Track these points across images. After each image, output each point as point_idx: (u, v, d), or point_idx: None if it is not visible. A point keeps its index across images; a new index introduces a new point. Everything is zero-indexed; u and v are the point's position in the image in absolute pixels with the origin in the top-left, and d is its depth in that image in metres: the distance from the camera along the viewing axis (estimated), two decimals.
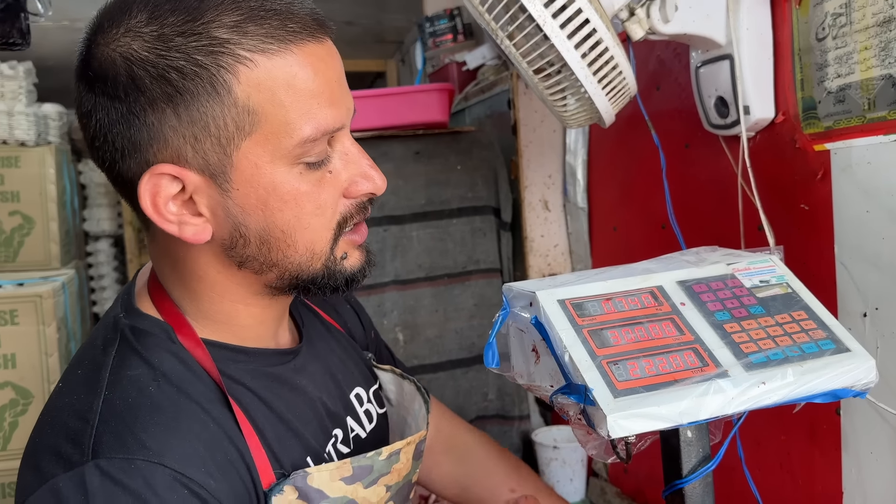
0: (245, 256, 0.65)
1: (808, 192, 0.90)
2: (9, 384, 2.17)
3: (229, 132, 0.59)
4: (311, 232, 0.64)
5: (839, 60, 0.84)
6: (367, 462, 0.68)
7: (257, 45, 0.58)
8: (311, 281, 0.67)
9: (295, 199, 0.62)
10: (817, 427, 0.91)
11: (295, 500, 0.63)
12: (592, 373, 0.57)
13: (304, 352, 0.76)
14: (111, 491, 0.55)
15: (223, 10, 0.58)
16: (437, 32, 2.01)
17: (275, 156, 0.61)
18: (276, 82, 0.59)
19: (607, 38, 0.80)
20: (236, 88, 0.58)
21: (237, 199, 0.62)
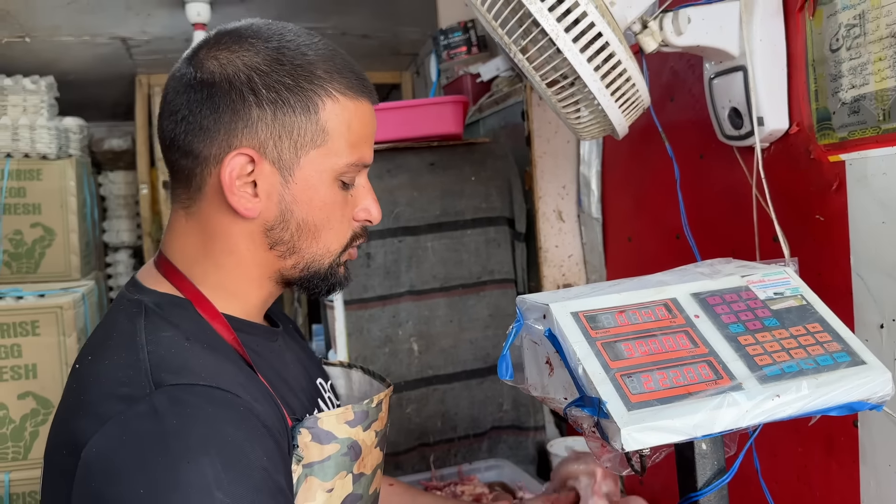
0: (279, 238, 0.78)
1: (824, 203, 0.90)
2: (30, 394, 2.19)
3: (305, 140, 0.76)
4: (333, 233, 0.80)
5: (853, 71, 0.84)
6: (363, 408, 0.80)
7: (342, 89, 0.78)
8: (316, 273, 0.81)
9: (331, 205, 0.79)
10: (835, 439, 0.91)
11: (309, 441, 0.74)
12: (606, 385, 0.57)
13: (281, 339, 0.88)
14: (179, 409, 0.63)
15: (321, 59, 0.78)
16: (451, 45, 2.02)
17: (326, 167, 0.78)
18: (347, 117, 0.78)
19: (620, 50, 0.80)
20: (322, 112, 0.76)
21: (293, 191, 0.77)
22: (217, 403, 0.65)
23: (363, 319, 1.53)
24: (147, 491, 0.59)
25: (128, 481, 0.60)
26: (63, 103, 2.76)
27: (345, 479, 0.77)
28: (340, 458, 0.76)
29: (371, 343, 1.53)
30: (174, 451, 0.60)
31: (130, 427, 0.63)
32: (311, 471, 0.74)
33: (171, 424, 0.62)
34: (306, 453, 0.73)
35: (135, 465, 0.61)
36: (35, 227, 2.46)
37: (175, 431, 0.62)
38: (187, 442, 0.61)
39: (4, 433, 2.18)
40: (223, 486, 0.60)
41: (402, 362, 1.55)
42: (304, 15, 2.64)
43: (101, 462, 0.62)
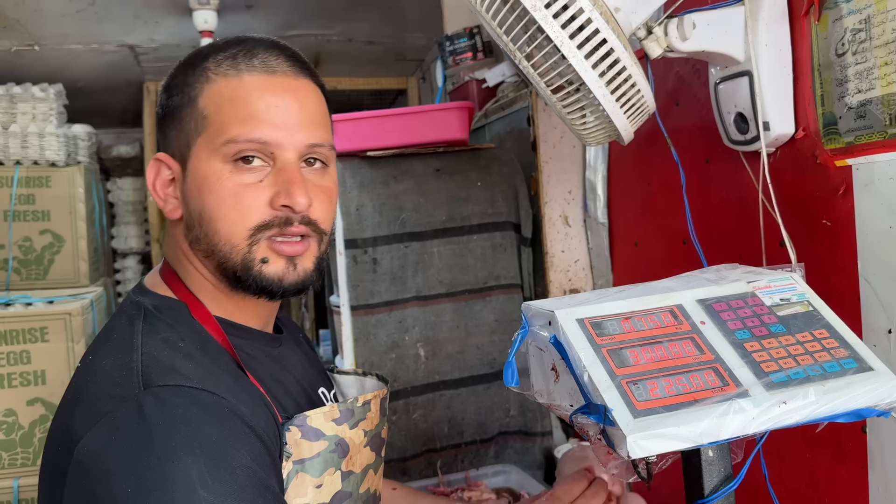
0: (195, 237, 0.79)
1: (830, 208, 0.89)
2: (38, 400, 2.20)
3: (191, 130, 0.77)
4: (229, 223, 0.76)
5: (859, 76, 0.84)
6: (348, 407, 0.81)
7: (221, 70, 0.77)
8: (234, 273, 0.78)
9: (218, 191, 0.75)
10: (843, 445, 0.90)
11: (299, 438, 0.75)
12: (612, 393, 0.57)
13: (285, 344, 0.89)
14: (165, 411, 0.64)
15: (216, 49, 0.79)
16: (457, 50, 2.03)
17: (211, 152, 0.76)
18: (223, 96, 0.76)
19: (624, 56, 0.81)
20: (200, 98, 0.77)
21: (188, 183, 0.78)
22: (202, 405, 0.66)
23: (370, 325, 1.53)
24: (134, 489, 0.60)
25: (116, 479, 0.61)
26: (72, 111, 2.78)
27: (333, 476, 0.78)
28: (329, 455, 0.77)
29: (378, 349, 1.53)
30: (160, 451, 0.62)
31: (119, 426, 0.64)
32: (301, 467, 0.75)
33: (156, 424, 0.63)
34: (296, 450, 0.75)
35: (122, 464, 0.62)
36: (44, 234, 2.48)
37: (161, 431, 0.63)
38: (172, 442, 0.62)
39: (13, 439, 2.19)
40: (207, 485, 0.61)
41: (409, 368, 1.55)
42: (311, 22, 2.66)
43: (91, 460, 0.64)
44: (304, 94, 0.79)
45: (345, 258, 1.51)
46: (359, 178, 1.53)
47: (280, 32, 2.74)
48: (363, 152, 1.53)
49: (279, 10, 2.54)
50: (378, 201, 1.53)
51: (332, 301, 1.66)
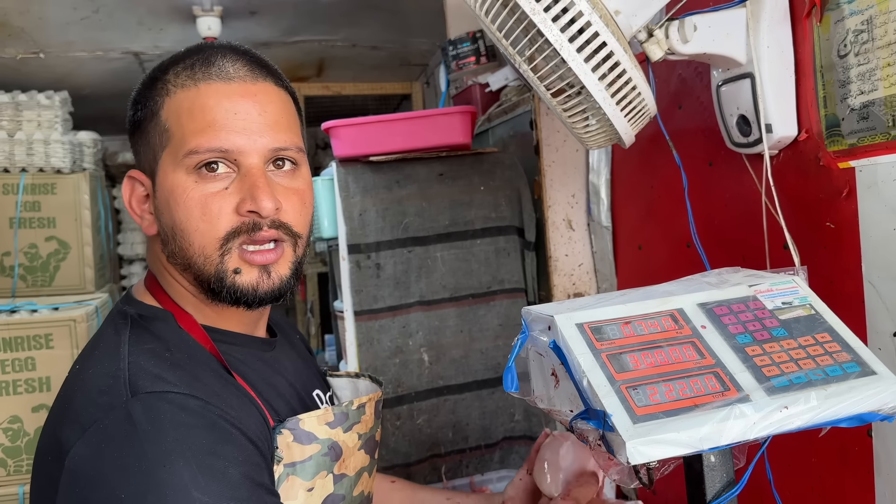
0: (170, 251, 0.79)
1: (834, 210, 0.89)
2: (43, 406, 2.21)
3: (156, 145, 0.77)
4: (200, 235, 0.75)
5: (862, 77, 0.83)
6: (343, 410, 0.81)
7: (179, 82, 0.77)
8: (208, 285, 0.77)
9: (185, 203, 0.75)
10: (848, 449, 0.89)
11: (291, 441, 0.75)
12: (611, 398, 0.56)
13: (278, 348, 0.89)
14: (154, 416, 0.65)
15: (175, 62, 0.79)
16: (460, 55, 2.03)
17: (175, 164, 0.76)
18: (182, 108, 0.76)
19: (624, 59, 0.80)
20: (161, 112, 0.77)
21: (158, 199, 0.78)
22: (190, 410, 0.67)
23: (373, 330, 1.53)
24: (128, 495, 0.61)
25: (109, 486, 0.62)
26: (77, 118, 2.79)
27: (325, 479, 0.78)
28: (321, 459, 0.77)
29: (382, 353, 1.53)
30: (150, 456, 0.62)
31: (109, 434, 0.65)
32: (292, 470, 0.75)
33: (145, 430, 0.64)
34: (287, 453, 0.75)
35: (114, 471, 0.63)
36: (50, 241, 2.49)
37: (150, 437, 0.64)
38: (162, 446, 0.63)
39: (19, 446, 2.19)
40: (200, 486, 0.62)
41: (413, 373, 1.55)
42: (315, 28, 2.66)
43: (83, 468, 0.64)
44: (263, 97, 0.78)
45: (348, 263, 1.51)
46: (362, 183, 1.53)
47: (284, 38, 2.75)
48: (366, 157, 1.53)
49: (283, 17, 2.55)
50: (381, 206, 1.53)
51: (336, 306, 1.65)
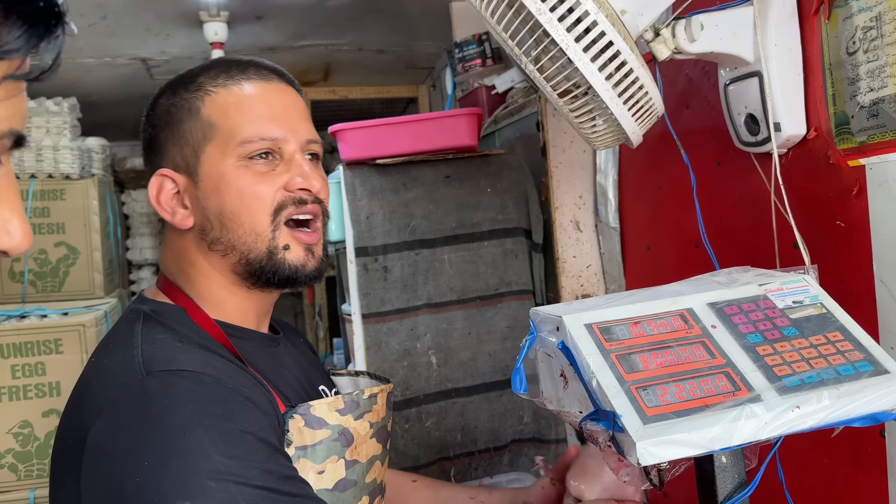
0: (214, 238, 0.83)
1: (844, 209, 0.88)
2: (53, 411, 2.22)
3: (198, 140, 0.83)
4: (251, 213, 0.82)
5: (871, 74, 0.82)
6: (353, 399, 0.84)
7: (218, 82, 0.85)
8: (259, 264, 0.83)
9: (237, 185, 0.82)
10: (861, 450, 0.88)
11: (302, 426, 0.79)
12: (621, 399, 0.56)
13: (282, 345, 0.93)
14: (170, 390, 0.68)
15: (204, 69, 0.87)
16: (466, 58, 2.03)
17: (224, 153, 0.82)
18: (229, 104, 0.84)
19: (631, 59, 0.80)
20: (203, 110, 0.84)
21: (202, 188, 0.83)
22: (204, 384, 0.70)
23: (381, 333, 1.53)
24: (151, 462, 0.64)
25: (132, 457, 0.65)
26: (85, 123, 2.81)
27: (336, 464, 0.81)
28: (331, 444, 0.81)
29: (390, 356, 1.53)
30: (169, 425, 0.66)
31: (127, 408, 0.68)
32: (303, 453, 0.79)
33: (163, 402, 0.68)
34: (298, 437, 0.78)
35: (136, 442, 0.66)
36: (59, 247, 2.50)
37: (168, 408, 0.67)
38: (180, 416, 0.66)
39: (29, 451, 2.20)
40: (220, 449, 0.65)
41: (421, 375, 1.54)
42: (321, 32, 2.67)
43: (103, 443, 0.67)
44: (294, 98, 0.89)
45: (355, 266, 1.51)
46: (368, 186, 1.53)
47: (291, 43, 2.76)
48: (372, 160, 1.53)
49: (289, 21, 2.55)
50: (388, 209, 1.53)
51: (344, 309, 1.65)
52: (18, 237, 0.43)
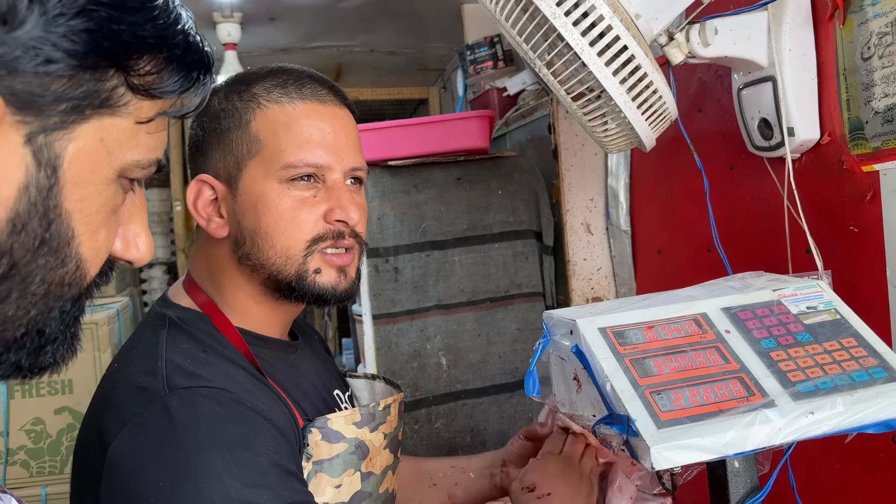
0: (245, 253, 0.83)
1: (858, 214, 0.88)
2: (66, 409, 2.23)
3: (243, 153, 0.82)
4: (286, 237, 0.81)
5: (886, 80, 0.82)
6: (370, 411, 0.85)
7: (273, 98, 0.83)
8: (288, 285, 0.82)
9: (276, 208, 0.81)
10: (873, 456, 0.88)
11: (319, 440, 0.79)
12: (635, 403, 0.56)
13: (300, 350, 0.93)
14: (190, 410, 0.69)
15: (261, 78, 0.85)
16: (477, 60, 2.03)
17: (267, 173, 0.81)
18: (279, 122, 0.82)
19: (645, 63, 0.80)
20: (253, 124, 0.82)
21: (240, 202, 0.82)
22: (224, 403, 0.71)
23: (391, 334, 1.53)
24: (166, 483, 0.65)
25: (148, 475, 0.66)
26: None
27: (353, 477, 0.82)
28: (348, 457, 0.81)
29: (400, 357, 1.53)
30: (187, 446, 0.66)
31: (148, 426, 0.69)
32: (320, 467, 0.79)
33: (182, 422, 0.68)
34: (316, 451, 0.79)
35: (153, 460, 0.67)
36: None
37: (186, 429, 0.68)
38: (198, 437, 0.67)
39: (41, 447, 2.22)
40: (233, 474, 0.65)
41: (431, 377, 1.55)
42: (333, 33, 2.68)
43: (123, 459, 0.68)
44: (346, 121, 0.87)
45: (366, 267, 1.51)
46: (380, 188, 1.53)
47: (303, 44, 2.77)
48: (384, 162, 1.54)
49: (302, 23, 2.56)
50: (399, 210, 1.53)
51: (354, 310, 1.66)
52: (144, 250, 0.50)
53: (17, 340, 0.44)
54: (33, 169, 0.41)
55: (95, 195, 0.45)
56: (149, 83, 0.45)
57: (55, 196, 0.42)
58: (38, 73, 0.40)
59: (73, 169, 0.43)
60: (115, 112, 0.44)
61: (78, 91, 0.42)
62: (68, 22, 0.40)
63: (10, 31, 0.38)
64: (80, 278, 0.46)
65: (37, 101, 0.40)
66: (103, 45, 0.41)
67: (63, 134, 0.42)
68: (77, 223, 0.44)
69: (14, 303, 0.43)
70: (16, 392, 2.19)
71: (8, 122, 0.40)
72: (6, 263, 0.42)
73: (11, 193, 0.41)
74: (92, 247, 0.46)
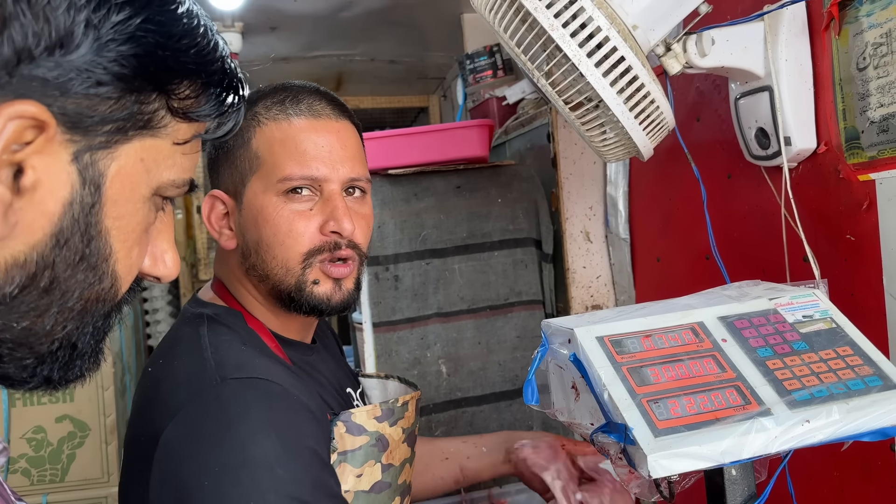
0: (251, 264, 0.87)
1: (854, 223, 0.89)
2: (67, 417, 2.24)
3: (245, 169, 0.86)
4: (285, 249, 0.84)
5: (881, 90, 0.83)
6: (389, 407, 0.89)
7: (270, 115, 0.87)
8: (288, 295, 0.86)
9: (274, 220, 0.84)
10: (871, 463, 0.89)
11: (344, 432, 0.84)
12: (632, 411, 0.57)
13: (318, 352, 0.97)
14: (241, 399, 0.72)
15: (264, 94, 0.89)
16: (477, 69, 2.04)
17: (266, 187, 0.85)
18: (275, 138, 0.86)
19: (643, 73, 0.81)
20: (253, 140, 0.86)
21: (244, 216, 0.86)
22: (273, 394, 0.75)
23: (391, 342, 1.54)
24: (220, 468, 0.68)
25: (201, 460, 0.69)
26: None
27: (373, 468, 0.86)
28: (370, 449, 0.85)
29: (400, 365, 1.53)
30: (240, 434, 0.70)
31: (201, 414, 0.72)
32: (344, 458, 0.83)
33: (235, 411, 0.71)
34: (340, 443, 0.83)
35: (206, 447, 0.70)
36: None
37: (239, 417, 0.71)
38: (250, 426, 0.70)
39: (42, 456, 2.22)
40: (282, 463, 0.69)
41: (431, 384, 1.55)
42: (333, 42, 2.69)
43: (176, 445, 0.71)
44: (344, 133, 0.89)
45: (367, 275, 1.52)
46: (380, 196, 1.54)
47: (303, 53, 2.78)
48: (384, 170, 1.55)
49: (302, 32, 2.58)
50: (399, 219, 1.54)
51: (355, 318, 1.66)
52: (171, 266, 0.52)
53: (51, 354, 0.45)
54: (78, 186, 0.43)
55: (133, 213, 0.46)
56: (187, 106, 0.47)
57: (97, 213, 0.44)
58: (89, 94, 0.42)
59: (115, 187, 0.44)
60: (155, 133, 0.46)
61: (123, 112, 0.43)
62: (119, 47, 0.42)
63: (66, 54, 0.40)
64: (114, 295, 0.47)
65: (85, 122, 0.42)
66: (149, 70, 0.44)
67: (107, 153, 0.44)
68: (115, 240, 0.46)
69: (53, 317, 0.44)
70: (17, 400, 2.19)
71: (58, 141, 0.41)
72: (48, 277, 0.43)
73: (57, 209, 0.42)
74: (126, 264, 0.47)
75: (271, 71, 2.99)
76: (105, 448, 2.25)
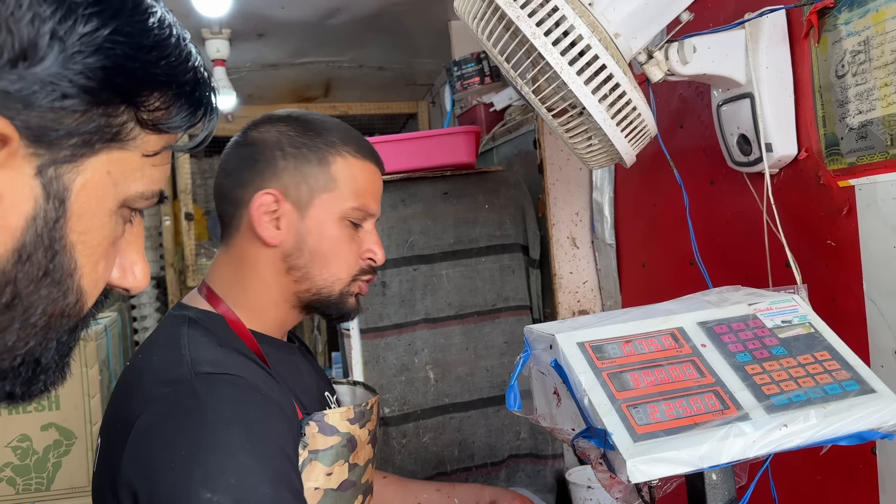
0: (295, 264, 0.95)
1: (835, 228, 0.89)
2: (52, 425, 2.22)
3: (318, 186, 0.95)
4: (340, 262, 0.96)
5: (860, 97, 0.84)
6: (361, 409, 0.96)
7: (351, 151, 0.98)
8: (327, 299, 0.96)
9: (338, 239, 0.96)
10: (853, 467, 0.89)
11: (316, 432, 0.89)
12: (612, 417, 0.57)
13: (297, 353, 1.04)
14: (214, 391, 0.78)
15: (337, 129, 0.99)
16: (464, 75, 2.05)
17: (335, 207, 0.95)
18: (353, 172, 0.97)
19: (624, 81, 0.81)
20: (332, 166, 0.96)
21: (307, 224, 0.95)
22: (244, 388, 0.81)
23: (379, 348, 1.53)
24: (188, 452, 0.73)
25: (173, 446, 0.74)
26: None
27: (342, 467, 0.92)
28: (340, 449, 0.91)
29: (387, 371, 1.53)
30: (211, 422, 0.75)
31: (175, 403, 0.77)
32: (315, 456, 0.89)
33: (207, 402, 0.77)
34: (312, 442, 0.88)
35: (178, 433, 0.75)
36: None
37: (211, 407, 0.77)
38: (219, 416, 0.76)
39: (28, 464, 2.20)
40: (247, 450, 0.74)
41: (419, 390, 1.55)
42: (322, 49, 2.70)
43: (150, 432, 0.76)
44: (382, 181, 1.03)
45: None
46: None
47: (291, 60, 2.79)
48: None
49: (291, 39, 2.58)
50: (387, 225, 1.54)
51: (343, 325, 1.66)
52: (141, 278, 0.52)
53: (13, 370, 0.44)
54: (42, 201, 0.42)
55: (99, 227, 0.45)
56: (157, 118, 0.46)
57: (61, 228, 0.43)
58: (54, 107, 0.40)
59: (80, 201, 0.43)
60: (123, 146, 0.45)
61: (90, 126, 0.42)
62: (85, 59, 0.40)
63: (30, 66, 0.39)
64: (79, 310, 0.46)
65: (49, 135, 0.41)
66: (117, 82, 0.42)
67: (72, 167, 0.43)
68: (80, 255, 0.45)
69: (15, 333, 0.43)
70: (2, 408, 2.18)
71: (21, 155, 0.40)
72: (10, 293, 0.42)
73: (20, 224, 0.41)
74: (92, 279, 0.46)
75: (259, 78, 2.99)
76: (91, 456, 2.23)
